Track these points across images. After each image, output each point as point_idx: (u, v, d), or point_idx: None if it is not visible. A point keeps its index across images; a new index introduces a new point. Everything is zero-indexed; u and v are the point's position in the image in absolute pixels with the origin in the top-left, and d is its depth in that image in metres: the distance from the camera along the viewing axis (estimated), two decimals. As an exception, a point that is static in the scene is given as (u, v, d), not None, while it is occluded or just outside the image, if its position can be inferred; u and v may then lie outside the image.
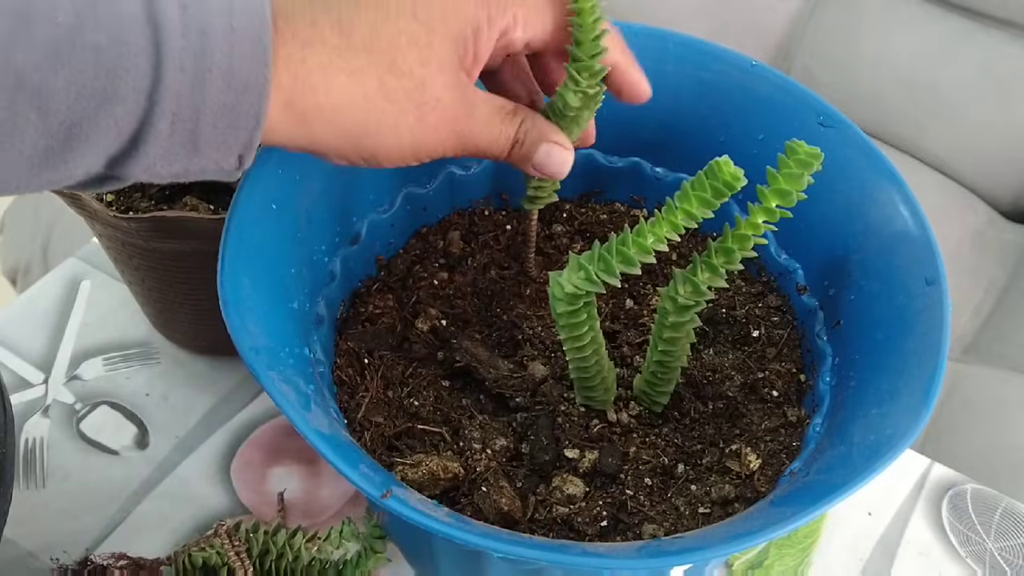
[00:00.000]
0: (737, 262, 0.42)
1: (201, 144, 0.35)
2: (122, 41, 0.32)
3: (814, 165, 0.39)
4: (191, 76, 0.33)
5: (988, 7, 1.16)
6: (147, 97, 0.33)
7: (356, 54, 0.37)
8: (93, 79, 0.32)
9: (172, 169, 0.35)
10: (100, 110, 0.32)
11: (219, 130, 0.35)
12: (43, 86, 0.31)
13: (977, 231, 1.15)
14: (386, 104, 0.38)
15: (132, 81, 0.33)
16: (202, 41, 0.33)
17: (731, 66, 0.54)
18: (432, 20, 0.39)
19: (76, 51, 0.32)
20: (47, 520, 0.57)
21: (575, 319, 0.43)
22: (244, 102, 0.35)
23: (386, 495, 0.38)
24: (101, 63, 0.32)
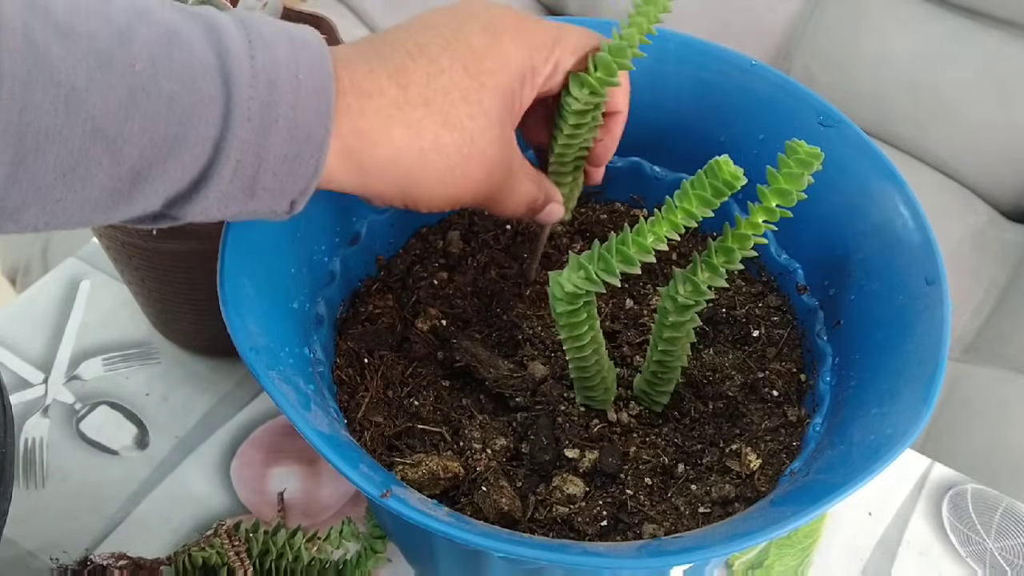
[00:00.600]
0: (737, 261, 0.42)
1: (259, 190, 0.36)
2: (195, 90, 0.33)
3: (814, 165, 0.39)
4: (257, 125, 0.34)
5: (988, 7, 1.16)
6: (214, 145, 0.34)
7: (413, 107, 0.39)
8: (165, 126, 0.33)
9: (227, 212, 0.36)
10: (170, 156, 0.33)
11: (278, 177, 0.36)
12: (118, 133, 0.32)
13: (977, 231, 1.15)
14: (438, 158, 0.39)
15: (202, 129, 0.33)
16: (270, 92, 0.34)
17: (731, 66, 0.54)
18: (483, 75, 0.40)
19: (151, 99, 0.32)
20: (47, 520, 0.57)
21: (575, 319, 0.43)
22: (305, 152, 0.36)
23: (386, 495, 0.38)
24: (174, 111, 0.33)
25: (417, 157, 0.39)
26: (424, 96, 0.39)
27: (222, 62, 0.33)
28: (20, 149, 0.30)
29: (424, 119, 0.39)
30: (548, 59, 0.43)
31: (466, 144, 0.40)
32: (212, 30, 0.34)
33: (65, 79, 0.30)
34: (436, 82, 0.39)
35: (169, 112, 0.32)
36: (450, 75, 0.39)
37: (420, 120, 0.39)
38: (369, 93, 0.38)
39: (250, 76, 0.34)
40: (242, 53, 0.34)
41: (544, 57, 0.43)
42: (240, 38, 0.34)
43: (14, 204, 0.31)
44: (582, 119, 0.46)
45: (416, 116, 0.39)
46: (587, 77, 0.44)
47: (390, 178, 0.39)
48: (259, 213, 0.37)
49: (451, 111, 0.39)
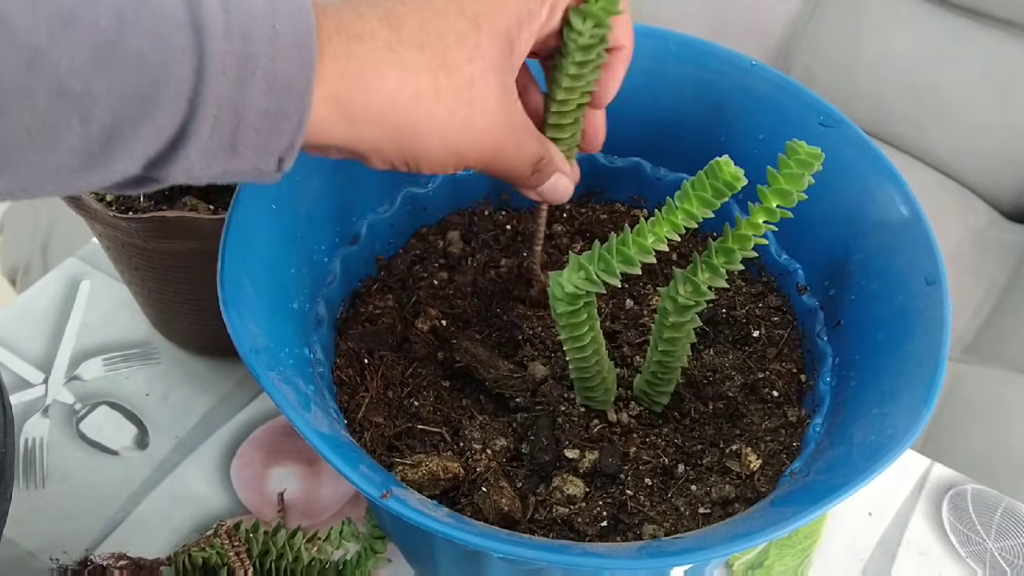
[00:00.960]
0: (738, 262, 0.42)
1: (240, 147, 0.35)
2: (165, 45, 0.32)
3: (815, 165, 0.39)
4: (233, 79, 0.33)
5: (989, 7, 1.16)
6: (188, 101, 0.33)
7: (408, 50, 0.37)
8: (135, 84, 0.31)
9: (210, 171, 0.35)
10: (142, 115, 0.32)
11: (260, 133, 0.35)
12: (84, 92, 0.31)
13: (977, 231, 1.15)
14: (436, 103, 0.37)
15: (174, 85, 0.32)
16: (245, 44, 0.33)
17: (731, 66, 0.54)
18: (479, 16, 0.38)
19: (118, 56, 0.31)
20: (47, 520, 0.57)
21: (575, 319, 0.43)
22: (287, 105, 0.34)
23: (386, 495, 0.38)
24: (143, 68, 0.31)
25: (413, 102, 0.37)
26: (418, 39, 0.37)
27: (193, 15, 0.32)
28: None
29: (420, 61, 0.37)
30: (543, 1, 0.41)
31: (465, 88, 0.38)
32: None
33: (26, 39, 0.29)
34: (430, 25, 0.37)
35: (138, 69, 0.31)
36: (445, 17, 0.38)
37: (416, 62, 0.37)
38: (359, 36, 0.36)
39: (224, 28, 0.32)
40: (215, 5, 0.33)
41: (540, 1, 0.41)
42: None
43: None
44: (587, 55, 0.43)
45: (411, 59, 0.36)
46: (589, 7, 0.42)
47: (385, 128, 0.37)
48: (245, 172, 0.36)
49: (448, 54, 0.37)
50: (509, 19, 0.39)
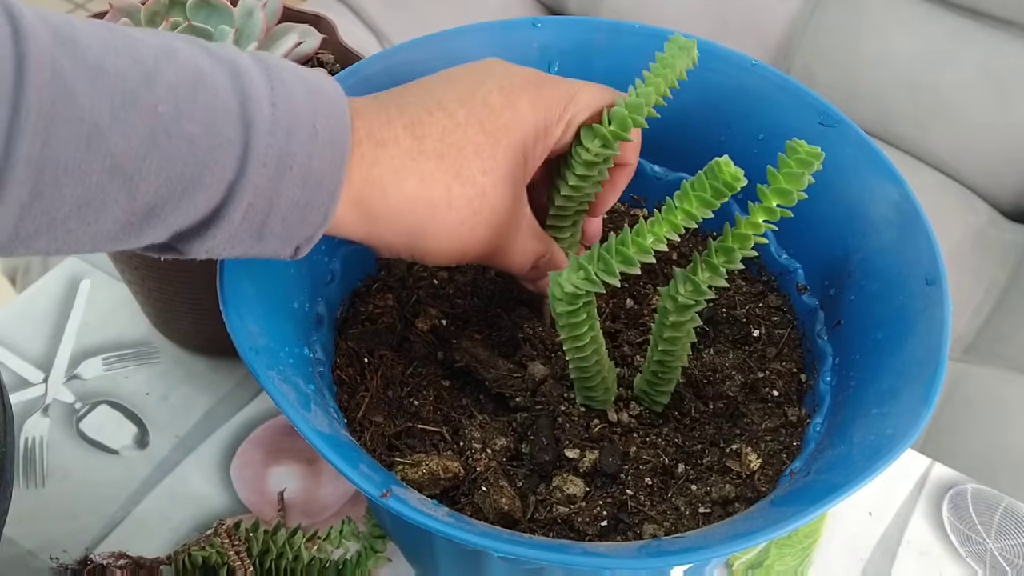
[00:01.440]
0: (738, 261, 0.42)
1: (267, 234, 0.36)
2: (215, 133, 0.33)
3: (815, 164, 0.39)
4: (272, 171, 0.35)
5: (989, 7, 1.16)
6: (228, 187, 0.34)
7: (427, 159, 0.39)
8: (182, 167, 0.33)
9: (232, 252, 0.37)
10: (184, 195, 0.33)
11: (287, 223, 0.36)
12: (135, 172, 0.32)
13: (977, 231, 1.15)
14: (448, 211, 0.40)
15: (218, 172, 0.34)
16: (287, 140, 0.35)
17: (731, 66, 0.54)
18: (498, 131, 0.41)
19: (172, 140, 0.32)
20: (47, 519, 0.57)
21: (575, 319, 0.43)
22: (317, 200, 0.36)
23: (386, 495, 0.38)
24: (192, 153, 0.33)
25: (427, 208, 0.39)
26: (438, 150, 0.39)
27: (244, 108, 0.34)
28: (39, 182, 0.30)
29: (437, 171, 0.39)
30: (561, 118, 0.43)
31: (477, 198, 0.40)
32: (237, 75, 0.34)
33: (89, 116, 0.31)
34: (451, 136, 0.40)
35: (188, 153, 0.33)
36: (465, 130, 0.40)
37: (433, 172, 0.39)
38: (384, 142, 0.38)
39: (270, 123, 0.34)
40: (264, 99, 0.34)
41: (557, 116, 0.43)
42: (263, 84, 0.35)
43: (27, 232, 0.32)
44: (589, 171, 0.45)
45: (429, 168, 0.39)
46: (600, 128, 0.44)
47: (399, 229, 0.39)
48: (262, 255, 0.38)
49: (464, 165, 0.40)
50: (526, 134, 0.42)
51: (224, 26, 0.56)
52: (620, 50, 0.54)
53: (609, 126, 0.44)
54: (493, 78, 0.42)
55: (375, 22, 1.31)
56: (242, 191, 0.34)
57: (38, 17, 0.31)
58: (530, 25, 0.54)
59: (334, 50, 0.62)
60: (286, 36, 0.58)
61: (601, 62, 0.54)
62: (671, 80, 0.45)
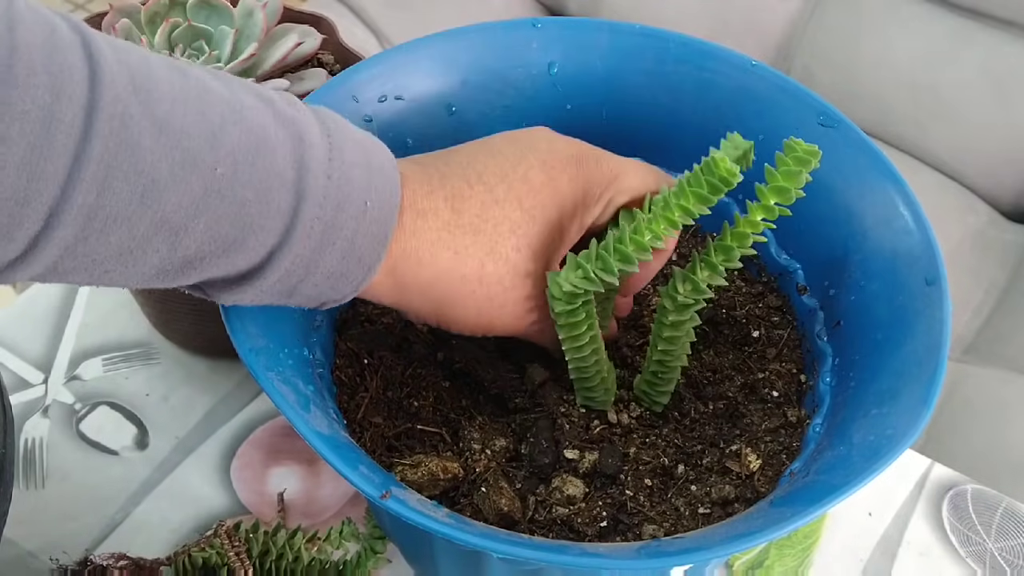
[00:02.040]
0: (736, 260, 0.42)
1: (296, 295, 0.37)
2: (267, 200, 0.33)
3: (812, 163, 0.39)
4: (316, 243, 0.35)
5: (989, 7, 1.16)
6: (269, 252, 0.34)
7: (464, 233, 0.39)
8: (229, 228, 0.33)
9: (258, 303, 0.37)
10: (224, 254, 0.34)
11: (319, 289, 0.37)
12: (183, 227, 0.32)
13: (977, 231, 1.15)
14: (479, 286, 0.40)
15: (263, 237, 0.34)
16: (336, 214, 0.35)
17: (731, 66, 0.54)
18: (535, 208, 0.40)
19: (224, 203, 0.32)
20: (47, 520, 0.57)
21: (573, 318, 0.43)
22: (353, 272, 0.36)
23: (385, 496, 0.38)
24: (241, 216, 0.33)
25: (459, 282, 0.39)
26: (475, 225, 0.39)
27: (300, 177, 0.34)
28: (87, 228, 0.30)
29: (472, 247, 0.39)
30: (601, 198, 0.43)
31: (508, 275, 0.40)
32: (299, 141, 0.34)
33: (148, 171, 0.30)
34: (489, 212, 0.40)
35: (236, 216, 0.33)
36: (503, 207, 0.40)
37: (468, 247, 0.39)
38: (424, 213, 0.38)
39: (322, 196, 0.34)
40: (320, 171, 0.34)
41: (597, 197, 0.43)
42: (322, 154, 0.35)
43: (65, 269, 0.32)
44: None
45: (465, 243, 0.39)
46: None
47: (429, 298, 0.40)
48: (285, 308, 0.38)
49: (499, 241, 0.40)
50: (563, 212, 0.41)
51: (224, 27, 0.56)
52: (620, 50, 0.54)
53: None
54: (536, 152, 0.41)
55: (375, 22, 1.31)
56: (282, 258, 0.34)
57: (116, 57, 0.30)
58: (530, 25, 0.54)
59: (334, 50, 0.62)
60: (286, 36, 0.58)
61: (601, 63, 0.54)
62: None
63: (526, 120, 0.48)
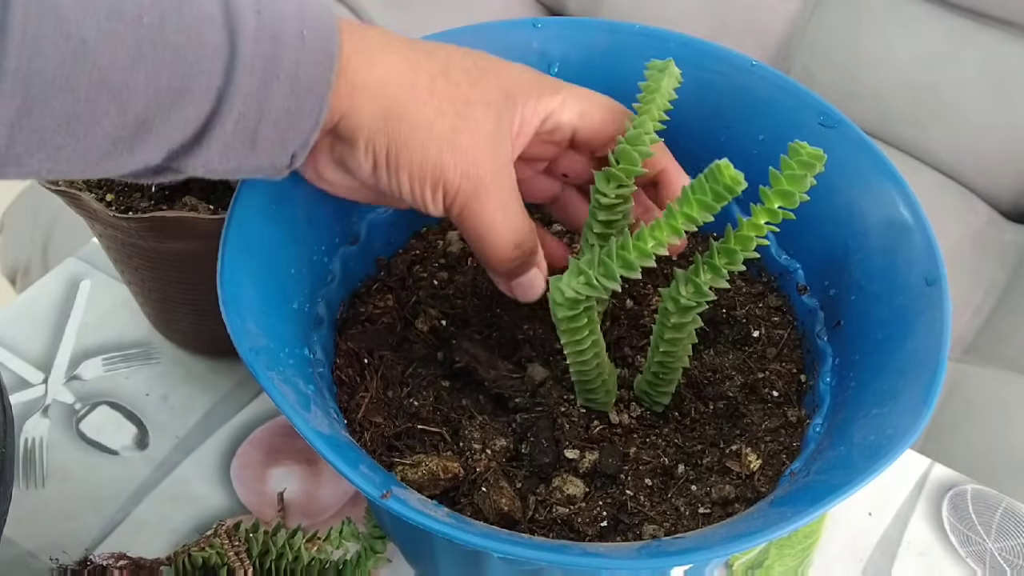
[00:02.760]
0: (739, 263, 0.42)
1: (260, 141, 0.37)
2: (201, 43, 0.33)
3: (817, 166, 0.39)
4: (260, 79, 0.35)
5: (989, 7, 1.16)
6: (217, 96, 0.34)
7: (415, 50, 0.40)
8: (169, 77, 0.33)
9: (228, 165, 0.37)
10: (173, 106, 0.34)
11: (279, 129, 0.37)
12: (124, 84, 0.32)
13: (977, 231, 1.15)
14: (429, 98, 0.39)
15: (205, 81, 0.34)
16: (273, 47, 0.35)
17: (731, 66, 0.54)
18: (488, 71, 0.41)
19: (157, 51, 0.32)
20: (47, 520, 0.57)
21: (575, 323, 0.43)
22: (306, 105, 0.36)
23: (386, 495, 0.38)
24: (179, 63, 0.33)
25: (409, 89, 0.39)
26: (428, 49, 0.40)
27: (228, 15, 0.34)
28: (27, 97, 0.31)
29: (424, 62, 0.39)
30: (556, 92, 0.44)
31: (460, 100, 0.40)
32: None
33: (75, 31, 0.31)
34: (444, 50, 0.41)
35: (174, 64, 0.33)
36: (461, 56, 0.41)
37: (420, 61, 0.39)
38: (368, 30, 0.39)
39: (255, 30, 0.34)
40: (248, 7, 0.34)
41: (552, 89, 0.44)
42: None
43: (18, 151, 0.32)
44: (612, 214, 0.46)
45: (417, 57, 0.39)
46: (613, 171, 0.44)
47: (378, 105, 0.39)
48: (260, 168, 0.38)
49: (452, 67, 0.40)
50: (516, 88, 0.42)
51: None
52: (620, 51, 0.54)
53: (619, 165, 0.44)
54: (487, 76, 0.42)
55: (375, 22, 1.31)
56: (231, 99, 0.34)
57: None
58: (530, 25, 0.54)
59: (334, 50, 0.61)
60: (286, 36, 0.58)
61: (601, 63, 0.54)
62: (662, 103, 0.46)
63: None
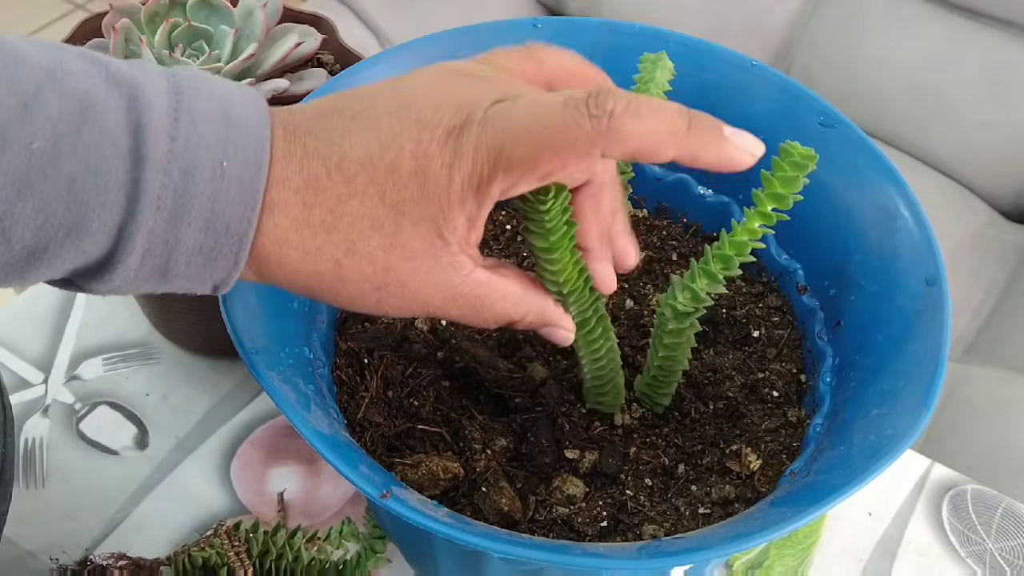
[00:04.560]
0: (736, 268, 0.42)
1: (172, 276, 0.33)
2: (100, 173, 0.30)
3: (809, 167, 0.39)
4: (168, 215, 0.31)
5: (989, 7, 1.16)
6: (118, 231, 0.31)
7: (314, 233, 0.34)
8: (64, 210, 0.30)
9: (140, 291, 0.34)
10: (67, 240, 0.31)
11: (193, 267, 0.33)
12: (7, 214, 0.29)
13: (977, 231, 1.15)
14: (341, 285, 0.35)
15: (104, 215, 0.31)
16: (185, 180, 0.31)
17: (731, 66, 0.54)
18: (402, 204, 0.34)
19: (48, 181, 0.29)
20: (47, 520, 0.57)
21: (591, 336, 0.44)
22: (224, 245, 0.33)
23: (386, 495, 0.38)
24: (74, 194, 0.30)
25: (317, 280, 0.35)
26: (327, 223, 0.34)
27: (136, 142, 0.30)
28: None
29: (324, 247, 0.34)
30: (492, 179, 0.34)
31: (378, 274, 0.35)
32: (135, 102, 0.31)
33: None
34: (344, 207, 0.34)
35: (69, 195, 0.30)
36: (363, 202, 0.34)
37: (319, 248, 0.34)
38: (271, 208, 0.33)
39: (165, 160, 0.31)
40: (160, 131, 0.31)
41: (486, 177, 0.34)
42: (163, 113, 0.31)
43: None
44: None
45: (316, 244, 0.34)
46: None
47: (299, 289, 0.36)
48: (177, 291, 0.35)
49: (358, 241, 0.34)
50: (442, 203, 0.34)
51: (224, 26, 0.56)
52: (620, 51, 0.54)
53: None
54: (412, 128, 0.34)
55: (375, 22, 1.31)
56: (134, 237, 0.31)
57: None
58: (530, 26, 0.54)
59: (334, 50, 0.62)
60: (286, 36, 0.58)
61: (601, 63, 0.54)
62: (657, 94, 0.46)
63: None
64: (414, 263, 0.35)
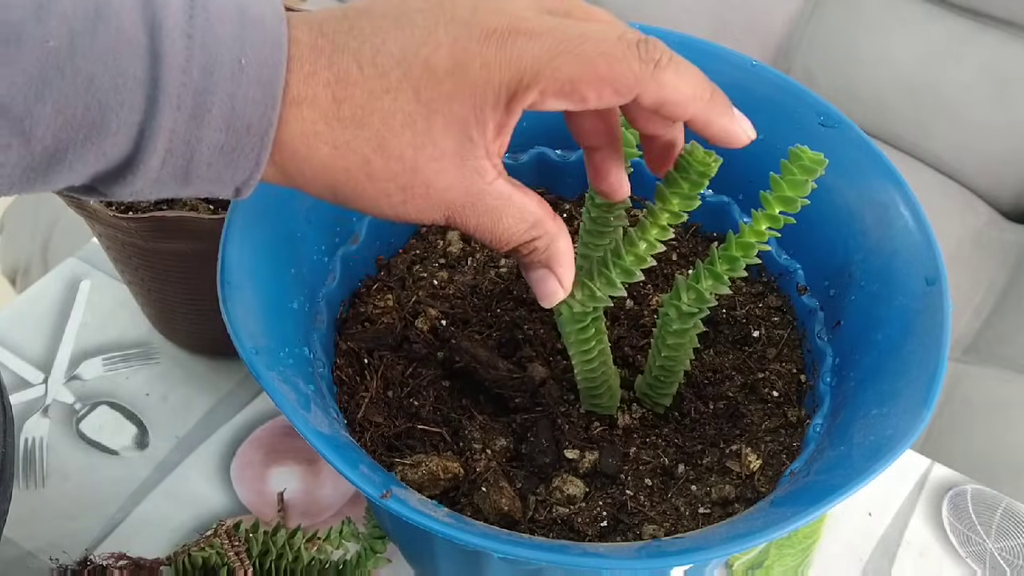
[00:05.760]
0: (741, 269, 0.42)
1: (194, 179, 0.33)
2: (118, 72, 0.30)
3: (818, 171, 0.39)
4: (188, 114, 0.31)
5: (988, 7, 1.16)
6: (138, 132, 0.31)
7: (344, 127, 0.34)
8: (83, 110, 0.30)
9: (161, 194, 0.34)
10: (87, 141, 0.30)
11: (214, 168, 0.33)
12: (27, 114, 0.29)
13: (977, 231, 1.15)
14: (368, 183, 0.35)
15: (124, 115, 0.30)
16: (205, 79, 0.31)
17: (731, 66, 0.54)
18: (436, 101, 0.34)
19: (66, 79, 0.29)
20: (47, 520, 0.57)
21: (584, 335, 0.44)
22: (245, 144, 0.33)
23: (386, 495, 0.38)
24: (92, 93, 0.30)
25: (344, 176, 0.35)
26: (358, 118, 0.34)
27: (153, 40, 0.30)
28: None
29: (354, 141, 0.34)
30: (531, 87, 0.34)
31: (405, 174, 0.35)
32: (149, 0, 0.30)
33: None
34: (376, 103, 0.34)
35: (87, 94, 0.29)
36: (396, 97, 0.34)
37: (349, 142, 0.34)
38: (299, 101, 0.33)
39: (184, 59, 0.30)
40: (177, 31, 0.30)
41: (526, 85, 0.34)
42: (181, 11, 0.31)
43: None
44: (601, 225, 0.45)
45: (345, 138, 0.34)
46: None
47: (320, 190, 0.35)
48: (200, 195, 0.34)
49: (388, 137, 0.34)
50: (476, 104, 0.34)
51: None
52: (620, 50, 0.54)
53: None
54: (451, 25, 0.34)
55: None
56: (155, 136, 0.31)
57: None
58: (530, 25, 0.54)
59: (334, 50, 0.61)
60: (286, 36, 0.58)
61: (601, 62, 0.54)
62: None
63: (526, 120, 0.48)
64: (441, 164, 0.35)
